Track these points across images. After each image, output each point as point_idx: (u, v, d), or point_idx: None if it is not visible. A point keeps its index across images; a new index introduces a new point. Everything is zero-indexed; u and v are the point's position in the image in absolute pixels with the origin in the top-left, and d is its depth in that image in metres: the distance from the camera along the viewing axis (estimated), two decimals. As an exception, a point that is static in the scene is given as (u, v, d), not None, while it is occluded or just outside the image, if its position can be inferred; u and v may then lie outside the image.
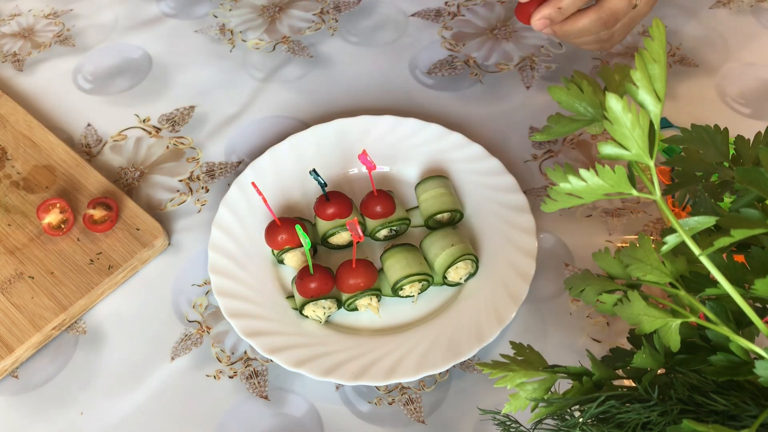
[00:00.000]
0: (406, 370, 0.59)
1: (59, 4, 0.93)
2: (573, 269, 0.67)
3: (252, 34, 0.89)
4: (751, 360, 0.38)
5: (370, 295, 0.63)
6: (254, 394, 0.61)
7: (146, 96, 0.83)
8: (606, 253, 0.43)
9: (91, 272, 0.67)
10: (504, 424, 0.45)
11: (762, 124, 0.76)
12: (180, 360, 0.63)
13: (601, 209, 0.70)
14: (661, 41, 0.36)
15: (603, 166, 0.36)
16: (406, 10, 0.91)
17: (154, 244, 0.68)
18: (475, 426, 0.59)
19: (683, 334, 0.40)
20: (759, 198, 0.39)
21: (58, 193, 0.72)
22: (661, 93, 0.36)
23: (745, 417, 0.37)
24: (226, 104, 0.82)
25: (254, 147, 0.78)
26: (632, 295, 0.40)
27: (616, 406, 0.39)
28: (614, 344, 0.56)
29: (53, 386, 0.62)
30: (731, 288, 0.36)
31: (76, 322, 0.66)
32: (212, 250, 0.66)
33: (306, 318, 0.64)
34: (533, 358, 0.44)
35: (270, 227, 0.66)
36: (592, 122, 0.38)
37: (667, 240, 0.37)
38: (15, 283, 0.66)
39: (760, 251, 0.39)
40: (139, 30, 0.90)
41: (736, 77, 0.81)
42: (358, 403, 0.60)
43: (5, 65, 0.87)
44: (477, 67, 0.84)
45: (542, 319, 0.64)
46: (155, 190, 0.75)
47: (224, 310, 0.62)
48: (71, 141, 0.79)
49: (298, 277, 0.63)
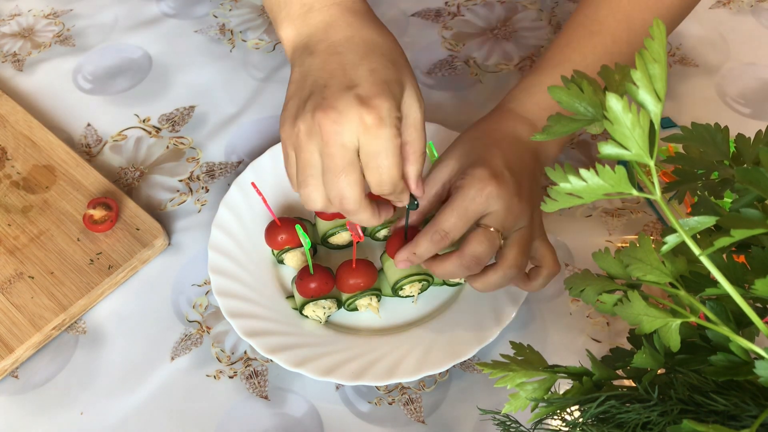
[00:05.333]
0: (406, 370, 0.58)
1: (59, 4, 0.93)
2: (573, 269, 0.67)
3: (252, 34, 0.89)
4: (751, 360, 0.38)
5: (370, 295, 0.63)
6: (254, 394, 0.61)
7: (146, 96, 0.83)
8: (606, 253, 0.43)
9: (91, 272, 0.67)
10: (504, 424, 0.45)
11: (762, 124, 0.76)
12: (180, 360, 0.63)
13: (601, 209, 0.70)
14: (662, 41, 0.36)
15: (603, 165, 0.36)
16: (406, 10, 0.91)
17: (154, 244, 0.68)
18: (475, 426, 0.59)
19: (683, 334, 0.40)
20: (759, 198, 0.39)
21: (58, 193, 0.72)
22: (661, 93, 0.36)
23: (745, 417, 0.37)
24: (226, 104, 0.82)
25: (254, 147, 0.78)
26: (632, 295, 0.40)
27: (616, 406, 0.39)
28: (614, 344, 0.56)
29: (53, 386, 0.62)
30: (731, 288, 0.36)
31: (76, 322, 0.66)
32: (212, 250, 0.66)
33: (306, 318, 0.64)
34: (533, 358, 0.44)
35: (270, 227, 0.66)
36: (593, 122, 0.38)
37: (667, 240, 0.37)
38: (15, 283, 0.66)
39: (761, 251, 0.39)
40: (139, 30, 0.90)
41: (736, 77, 0.81)
42: (358, 403, 0.60)
43: (5, 65, 0.87)
44: (477, 67, 0.84)
45: (542, 319, 0.64)
46: (155, 190, 0.75)
47: (224, 310, 0.62)
48: (71, 141, 0.79)
49: (298, 277, 0.63)
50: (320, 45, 0.52)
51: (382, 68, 0.50)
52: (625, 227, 0.69)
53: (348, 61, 0.50)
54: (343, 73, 0.50)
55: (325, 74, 0.50)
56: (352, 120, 0.47)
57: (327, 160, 0.48)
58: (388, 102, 0.48)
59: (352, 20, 0.53)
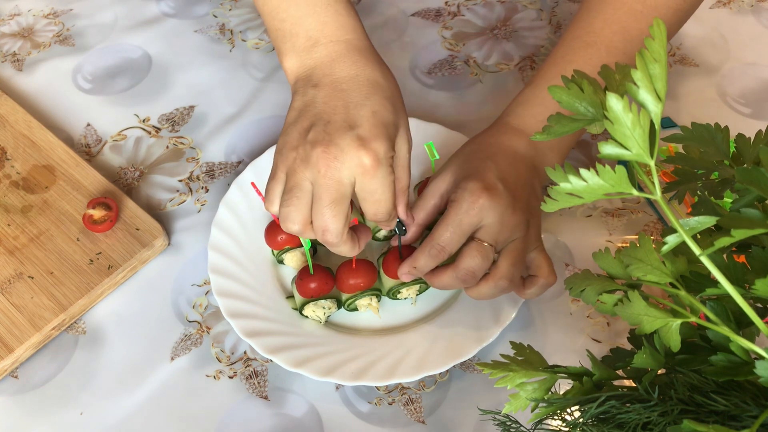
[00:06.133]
0: (406, 370, 0.58)
1: (59, 4, 0.93)
2: (573, 269, 0.67)
3: (252, 34, 0.89)
4: (751, 360, 0.38)
5: (370, 295, 0.63)
6: (254, 394, 0.61)
7: (146, 96, 0.83)
8: (606, 253, 0.43)
9: (90, 272, 0.67)
10: (504, 425, 0.45)
11: (762, 124, 0.76)
12: (180, 360, 0.63)
13: (601, 209, 0.70)
14: (662, 41, 0.36)
15: (603, 165, 0.36)
16: (406, 10, 0.91)
17: (154, 244, 0.68)
18: (475, 426, 0.59)
19: (684, 334, 0.40)
20: (759, 198, 0.39)
21: (58, 193, 0.72)
22: (661, 93, 0.36)
23: (745, 417, 0.37)
24: (226, 104, 0.82)
25: (254, 147, 0.78)
26: (632, 295, 0.40)
27: (617, 407, 0.39)
28: (614, 344, 0.56)
29: (53, 386, 0.62)
30: (732, 288, 0.36)
31: (76, 322, 0.66)
32: (212, 250, 0.66)
33: (306, 318, 0.63)
34: (533, 358, 0.44)
35: (270, 227, 0.66)
36: (593, 122, 0.38)
37: (667, 240, 0.37)
38: (15, 283, 0.66)
39: (761, 251, 0.39)
40: (139, 30, 0.90)
41: (737, 77, 0.81)
42: (358, 403, 0.60)
43: (5, 65, 0.87)
44: (477, 67, 0.84)
45: (542, 319, 0.64)
46: (155, 190, 0.75)
47: (224, 310, 0.62)
48: (71, 141, 0.79)
49: (298, 277, 0.63)
50: (325, 79, 0.55)
51: (383, 110, 0.53)
52: (625, 227, 0.69)
53: (351, 100, 0.53)
54: (345, 111, 0.52)
55: (328, 109, 0.53)
56: (352, 159, 0.51)
57: (320, 190, 0.51)
58: (385, 145, 0.52)
59: (357, 58, 0.56)
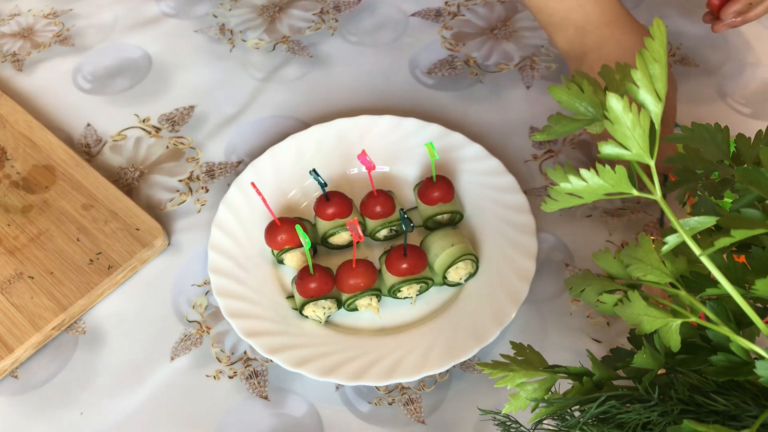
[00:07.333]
0: (406, 371, 0.58)
1: (59, 4, 0.93)
2: (573, 269, 0.67)
3: (252, 33, 0.89)
4: (751, 360, 0.38)
5: (370, 295, 0.63)
6: (254, 394, 0.61)
7: (146, 96, 0.83)
8: (606, 253, 0.43)
9: (90, 272, 0.67)
10: (504, 425, 0.45)
11: (762, 124, 0.76)
12: (180, 360, 0.63)
13: (601, 209, 0.70)
14: (662, 41, 0.36)
15: (603, 165, 0.36)
16: (406, 10, 0.91)
17: (154, 244, 0.68)
18: (475, 426, 0.59)
19: (683, 334, 0.40)
20: (759, 198, 0.39)
21: (58, 193, 0.72)
22: (661, 93, 0.36)
23: (745, 417, 0.37)
24: (226, 104, 0.82)
25: (254, 147, 0.78)
26: (632, 296, 0.40)
27: (617, 407, 0.39)
28: (614, 344, 0.56)
29: (53, 386, 0.62)
30: (732, 288, 0.36)
31: (76, 322, 0.66)
32: (212, 250, 0.66)
33: (306, 318, 0.63)
34: (533, 358, 0.44)
35: (270, 227, 0.66)
36: (593, 122, 0.38)
37: (667, 240, 0.37)
38: (15, 283, 0.66)
39: (761, 251, 0.39)
40: (139, 30, 0.90)
41: (737, 77, 0.81)
42: (358, 403, 0.60)
43: (5, 65, 0.87)
44: (477, 67, 0.84)
45: (542, 319, 0.64)
46: (155, 190, 0.75)
47: (224, 310, 0.62)
48: (71, 141, 0.79)
49: (298, 277, 0.63)
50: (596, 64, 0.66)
51: None
52: (625, 227, 0.69)
53: None
54: None
55: None
56: None
57: None
58: None
59: (621, 37, 0.66)
